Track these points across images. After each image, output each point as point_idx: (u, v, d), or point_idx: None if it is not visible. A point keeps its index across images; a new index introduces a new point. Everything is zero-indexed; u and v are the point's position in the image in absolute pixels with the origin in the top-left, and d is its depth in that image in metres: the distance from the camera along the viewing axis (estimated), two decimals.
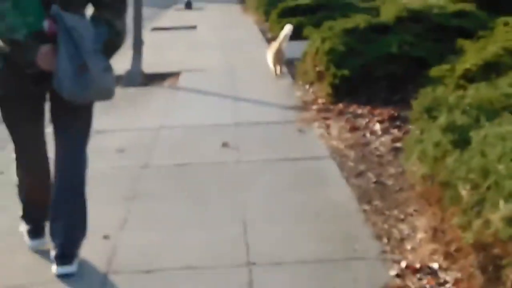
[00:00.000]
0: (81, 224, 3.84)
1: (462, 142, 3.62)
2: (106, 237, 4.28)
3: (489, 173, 3.11)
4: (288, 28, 9.74)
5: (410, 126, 4.92)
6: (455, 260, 3.54)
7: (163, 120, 7.40)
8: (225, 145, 6.22)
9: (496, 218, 2.67)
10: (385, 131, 6.33)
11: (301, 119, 7.09)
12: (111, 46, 3.68)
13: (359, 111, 7.10)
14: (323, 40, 8.20)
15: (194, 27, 18.14)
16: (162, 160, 5.91)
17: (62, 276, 3.73)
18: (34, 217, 4.08)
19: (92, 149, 4.10)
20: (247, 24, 18.56)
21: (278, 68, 9.61)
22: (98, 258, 3.98)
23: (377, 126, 6.48)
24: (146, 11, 10.75)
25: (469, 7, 8.58)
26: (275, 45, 9.74)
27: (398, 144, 5.86)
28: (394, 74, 7.41)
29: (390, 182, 5.08)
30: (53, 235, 3.78)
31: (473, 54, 6.44)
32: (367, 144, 6.06)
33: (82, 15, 3.64)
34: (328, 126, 6.70)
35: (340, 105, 7.33)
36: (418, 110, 4.49)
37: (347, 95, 7.46)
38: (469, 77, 6.07)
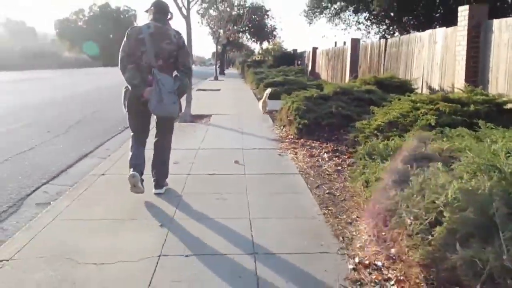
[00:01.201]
0: (165, 172, 4.16)
1: (400, 182, 2.71)
2: (162, 225, 3.32)
3: (429, 211, 2.20)
4: (268, 90, 9.79)
5: (355, 162, 3.97)
6: (394, 262, 2.61)
7: (201, 144, 6.41)
8: (236, 162, 5.28)
9: (456, 258, 1.73)
10: (330, 158, 5.37)
11: (279, 148, 6.12)
12: (181, 90, 3.79)
13: (314, 144, 6.13)
14: (292, 102, 7.34)
15: (219, 90, 17.38)
16: (200, 170, 4.92)
17: (157, 194, 4.00)
18: (135, 163, 3.84)
19: None
20: (246, 89, 17.74)
21: (264, 109, 9.59)
22: (154, 242, 3.01)
23: (325, 155, 5.51)
24: (194, 80, 9.80)
25: (373, 88, 7.75)
26: (263, 98, 9.71)
27: (339, 167, 4.95)
28: (333, 124, 6.59)
29: (337, 193, 4.12)
30: (154, 176, 4.07)
31: (381, 116, 5.61)
32: (320, 166, 5.10)
33: (170, 74, 3.77)
34: (296, 153, 5.74)
35: (302, 140, 6.38)
36: (362, 153, 3.58)
37: (306, 135, 6.57)
38: (379, 130, 5.26)
